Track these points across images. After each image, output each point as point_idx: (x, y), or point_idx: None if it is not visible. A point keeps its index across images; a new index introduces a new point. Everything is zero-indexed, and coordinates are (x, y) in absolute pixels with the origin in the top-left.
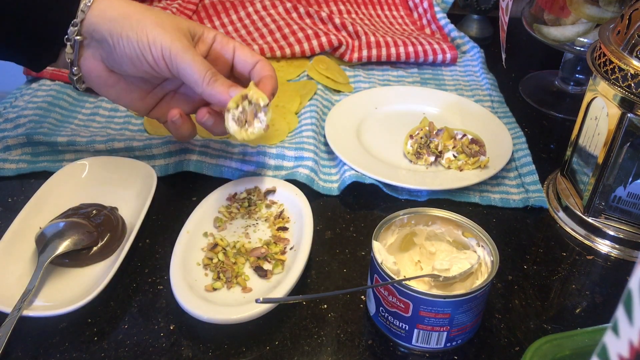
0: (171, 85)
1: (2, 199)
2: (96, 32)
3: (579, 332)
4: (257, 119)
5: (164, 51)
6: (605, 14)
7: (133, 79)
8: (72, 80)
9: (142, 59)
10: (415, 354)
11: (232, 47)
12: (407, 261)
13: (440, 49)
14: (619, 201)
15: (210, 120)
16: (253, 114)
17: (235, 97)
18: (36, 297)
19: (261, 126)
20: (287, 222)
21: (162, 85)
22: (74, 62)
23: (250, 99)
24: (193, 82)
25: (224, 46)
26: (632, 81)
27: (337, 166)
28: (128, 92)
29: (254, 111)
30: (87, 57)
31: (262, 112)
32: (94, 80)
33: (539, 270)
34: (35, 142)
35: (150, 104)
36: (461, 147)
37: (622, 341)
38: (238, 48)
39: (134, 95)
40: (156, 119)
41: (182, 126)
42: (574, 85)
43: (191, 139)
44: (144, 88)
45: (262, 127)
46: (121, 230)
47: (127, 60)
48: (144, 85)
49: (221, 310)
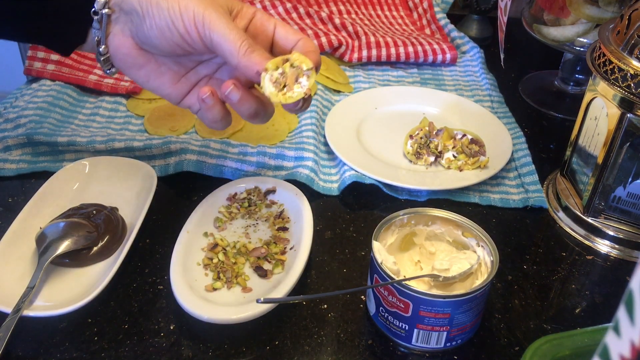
0: (205, 69)
1: (2, 199)
2: (125, 2)
3: (578, 332)
4: (297, 84)
5: (197, 18)
6: (605, 14)
7: (164, 60)
8: (101, 62)
9: (172, 28)
10: (415, 354)
11: (273, 23)
12: (407, 261)
13: (440, 49)
14: (618, 201)
15: (236, 94)
16: (294, 77)
17: (275, 59)
18: (36, 297)
19: (301, 91)
20: (287, 222)
21: (196, 70)
22: (101, 40)
23: (292, 63)
24: (227, 53)
25: (264, 22)
26: (632, 81)
27: (337, 166)
28: (159, 74)
29: (295, 75)
30: (116, 34)
31: (305, 77)
32: (122, 60)
33: (538, 270)
34: (35, 142)
35: (183, 90)
36: (461, 147)
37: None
38: (279, 25)
39: (165, 78)
40: (188, 107)
41: (213, 107)
42: (573, 86)
43: (226, 127)
44: (175, 70)
45: (303, 91)
46: (121, 230)
47: (157, 33)
48: (176, 67)
49: (221, 310)
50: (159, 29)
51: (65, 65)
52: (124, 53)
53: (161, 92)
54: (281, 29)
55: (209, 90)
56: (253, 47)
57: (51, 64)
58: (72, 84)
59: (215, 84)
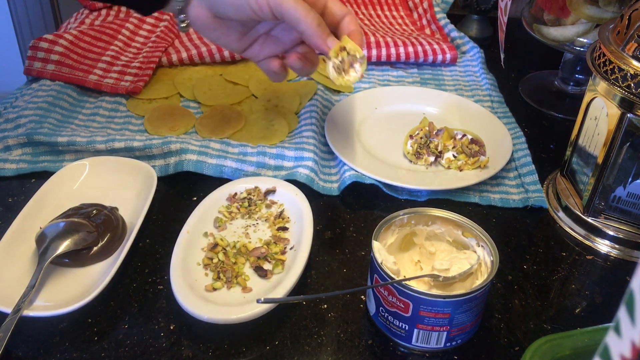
0: (264, 28)
1: (2, 199)
2: None
3: (578, 332)
4: (352, 69)
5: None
6: (605, 14)
7: (233, 23)
8: (179, 24)
9: (245, 5)
10: (415, 353)
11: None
12: (407, 261)
13: (440, 49)
14: (618, 201)
15: (300, 64)
16: (349, 64)
17: (335, 48)
18: (36, 297)
19: (356, 75)
20: (287, 222)
21: (256, 28)
22: (182, 9)
23: (348, 51)
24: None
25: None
26: (632, 81)
27: (337, 166)
28: (227, 34)
29: (350, 62)
30: (195, 5)
31: (358, 63)
32: (198, 25)
33: (538, 270)
34: (35, 142)
35: (245, 45)
36: (461, 147)
37: (624, 341)
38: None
39: (232, 37)
40: (249, 58)
41: (281, 73)
42: (573, 86)
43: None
44: (241, 31)
45: (357, 76)
46: (121, 230)
47: (231, 8)
48: (242, 28)
49: (221, 310)
50: (233, 6)
51: (65, 65)
52: (201, 20)
53: (227, 47)
54: (331, 3)
55: (279, 64)
56: (326, 30)
57: (51, 64)
58: (72, 84)
59: (272, 40)
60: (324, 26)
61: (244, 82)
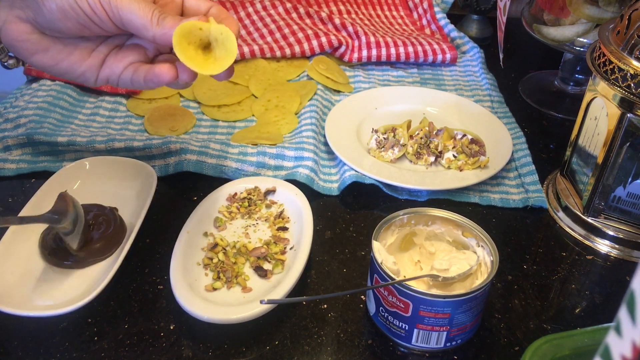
0: (116, 39)
1: (2, 199)
2: None
3: (578, 332)
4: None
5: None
6: (604, 14)
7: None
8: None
9: (76, 8)
10: (415, 353)
11: None
12: (407, 261)
13: (440, 49)
14: (618, 201)
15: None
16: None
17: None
18: (36, 297)
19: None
20: (287, 222)
21: (106, 42)
22: None
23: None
24: (141, 27)
25: None
26: (632, 81)
27: (337, 166)
28: (66, 54)
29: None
30: (10, 21)
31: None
32: (21, 47)
33: (538, 270)
34: (35, 142)
35: (96, 64)
36: (461, 147)
37: (625, 342)
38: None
39: (74, 57)
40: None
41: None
42: (573, 85)
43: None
44: (84, 46)
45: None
46: (121, 230)
47: (59, 15)
48: (84, 43)
49: (221, 310)
50: (61, 11)
51: None
52: (22, 40)
53: (74, 73)
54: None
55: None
56: (164, 14)
57: None
58: (72, 84)
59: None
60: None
61: (244, 82)
